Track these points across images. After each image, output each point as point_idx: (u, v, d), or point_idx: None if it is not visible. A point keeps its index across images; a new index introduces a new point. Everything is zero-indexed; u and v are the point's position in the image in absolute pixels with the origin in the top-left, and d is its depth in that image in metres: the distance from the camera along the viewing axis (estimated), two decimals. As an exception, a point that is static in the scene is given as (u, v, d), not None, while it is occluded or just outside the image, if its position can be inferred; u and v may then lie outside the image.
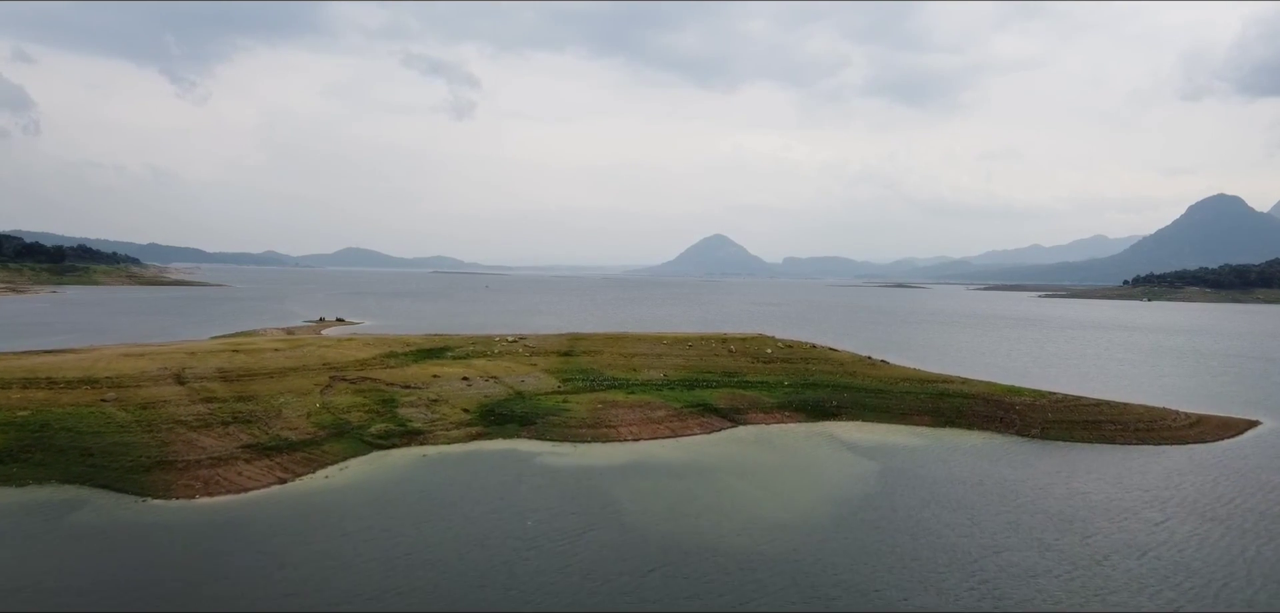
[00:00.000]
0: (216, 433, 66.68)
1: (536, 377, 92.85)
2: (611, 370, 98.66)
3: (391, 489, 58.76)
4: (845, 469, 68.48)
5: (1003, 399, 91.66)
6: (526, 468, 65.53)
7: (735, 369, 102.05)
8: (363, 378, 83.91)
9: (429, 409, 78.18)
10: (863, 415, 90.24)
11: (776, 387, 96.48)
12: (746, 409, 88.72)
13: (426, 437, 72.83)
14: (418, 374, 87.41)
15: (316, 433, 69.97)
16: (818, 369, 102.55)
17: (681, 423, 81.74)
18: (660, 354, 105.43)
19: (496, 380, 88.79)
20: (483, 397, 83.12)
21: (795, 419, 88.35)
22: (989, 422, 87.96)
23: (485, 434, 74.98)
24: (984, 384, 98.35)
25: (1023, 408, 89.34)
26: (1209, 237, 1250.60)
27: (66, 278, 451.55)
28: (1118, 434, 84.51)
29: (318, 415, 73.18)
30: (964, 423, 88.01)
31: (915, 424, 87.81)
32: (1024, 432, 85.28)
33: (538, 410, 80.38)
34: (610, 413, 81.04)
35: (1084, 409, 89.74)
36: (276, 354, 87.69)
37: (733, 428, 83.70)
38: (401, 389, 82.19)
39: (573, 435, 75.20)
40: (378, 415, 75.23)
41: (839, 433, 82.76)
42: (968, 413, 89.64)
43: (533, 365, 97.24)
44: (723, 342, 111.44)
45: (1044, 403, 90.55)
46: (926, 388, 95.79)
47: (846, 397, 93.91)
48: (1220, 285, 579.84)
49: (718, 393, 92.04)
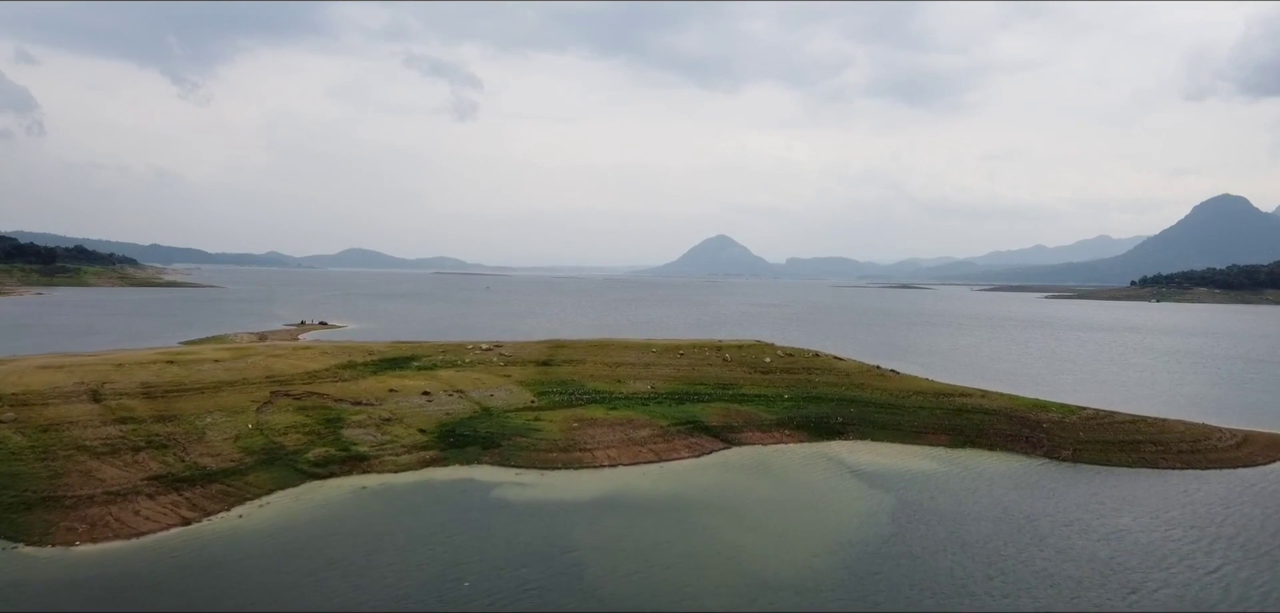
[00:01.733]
0: (122, 461, 57.43)
1: (509, 389, 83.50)
2: (593, 382, 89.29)
3: (311, 534, 49.40)
4: (851, 504, 58.99)
5: (1028, 416, 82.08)
6: (480, 504, 56.10)
7: (730, 380, 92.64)
8: (309, 393, 74.62)
9: (379, 430, 68.86)
10: (871, 434, 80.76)
11: (775, 401, 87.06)
12: (741, 427, 79.30)
13: (371, 464, 63.49)
14: (373, 388, 78.12)
15: (241, 460, 60.68)
16: (821, 381, 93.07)
17: (667, 444, 72.30)
18: (648, 364, 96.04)
19: (462, 395, 79.43)
20: (443, 414, 73.79)
21: (795, 438, 78.87)
22: (1013, 442, 78.42)
23: (441, 459, 65.57)
24: (1005, 397, 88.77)
25: (1051, 426, 79.77)
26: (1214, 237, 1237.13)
27: (57, 279, 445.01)
28: (1159, 457, 75.01)
29: (247, 439, 63.90)
30: (985, 443, 78.49)
31: (930, 445, 78.31)
32: (1053, 454, 75.76)
33: (505, 430, 71.03)
34: (587, 433, 71.66)
35: (1120, 428, 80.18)
36: (215, 366, 78.46)
37: (725, 449, 74.26)
38: (351, 406, 72.89)
39: (541, 461, 65.80)
40: (318, 438, 65.95)
41: (844, 455, 73.26)
42: (989, 432, 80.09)
43: (506, 377, 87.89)
44: (717, 349, 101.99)
45: (1075, 421, 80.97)
46: (942, 402, 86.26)
47: (852, 412, 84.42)
48: (1229, 286, 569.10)
49: (710, 408, 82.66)
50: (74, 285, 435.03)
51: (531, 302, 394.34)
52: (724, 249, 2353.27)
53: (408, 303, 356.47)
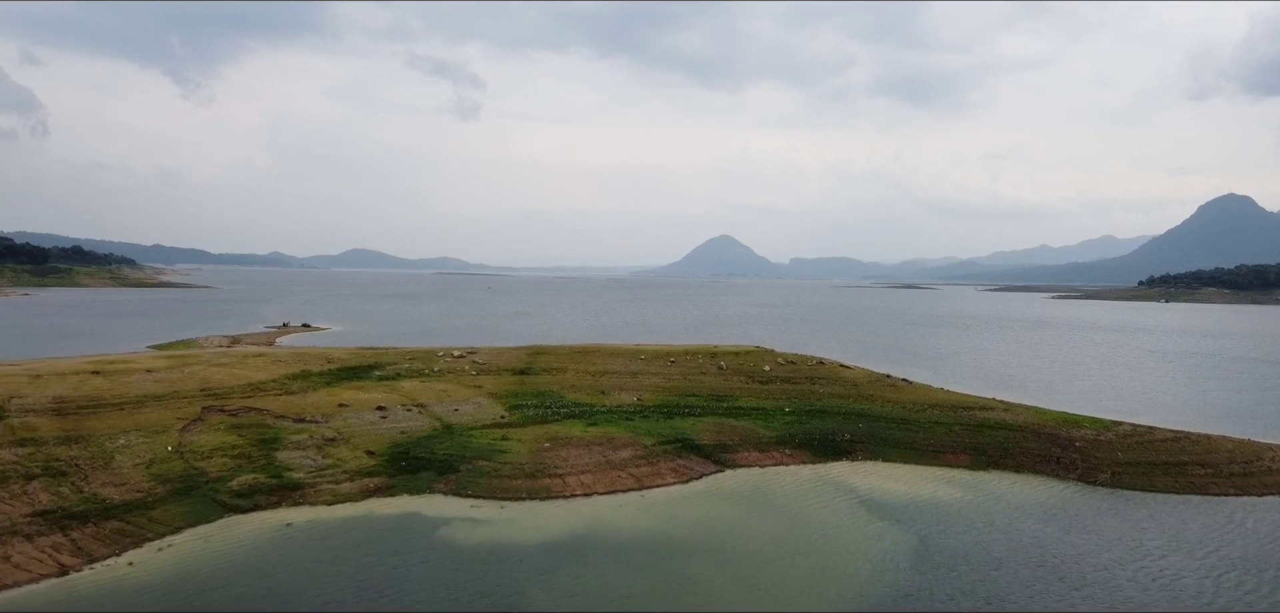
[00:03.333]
0: (7, 493, 48.79)
1: (477, 403, 74.82)
2: (574, 393, 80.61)
3: (208, 587, 40.74)
4: (862, 544, 50.25)
5: (1058, 432, 73.25)
6: (421, 546, 47.41)
7: (726, 391, 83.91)
8: (247, 408, 66.01)
9: (320, 453, 60.20)
10: (883, 453, 72.01)
11: (775, 415, 78.34)
12: (736, 446, 70.58)
13: (305, 493, 54.86)
14: (322, 402, 69.49)
15: (151, 491, 52.10)
16: (826, 391, 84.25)
17: (651, 467, 63.55)
18: (636, 372, 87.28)
19: (423, 409, 70.75)
20: (398, 433, 65.13)
21: (797, 459, 70.12)
22: (1043, 463, 69.63)
23: (387, 488, 56.88)
24: (1031, 411, 79.90)
25: (1085, 445, 70.94)
26: (1219, 237, 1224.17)
27: (48, 280, 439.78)
28: (1208, 482, 66.26)
29: (163, 464, 55.32)
30: (1011, 464, 69.75)
31: (949, 466, 69.56)
32: (1089, 478, 66.98)
33: (465, 452, 62.32)
34: (559, 455, 62.94)
35: (1161, 446, 71.34)
36: (146, 377, 69.89)
37: (717, 473, 65.54)
38: (293, 424, 64.27)
39: (503, 489, 57.09)
40: (247, 463, 57.33)
41: (854, 480, 64.49)
42: (1015, 451, 71.30)
43: (477, 388, 79.21)
44: (712, 356, 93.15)
45: (1111, 438, 72.11)
46: (960, 417, 77.45)
47: (862, 428, 75.65)
48: (1239, 286, 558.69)
49: (702, 424, 73.97)
50: (65, 286, 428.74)
51: (530, 302, 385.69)
52: (727, 249, 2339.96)
53: (403, 303, 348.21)
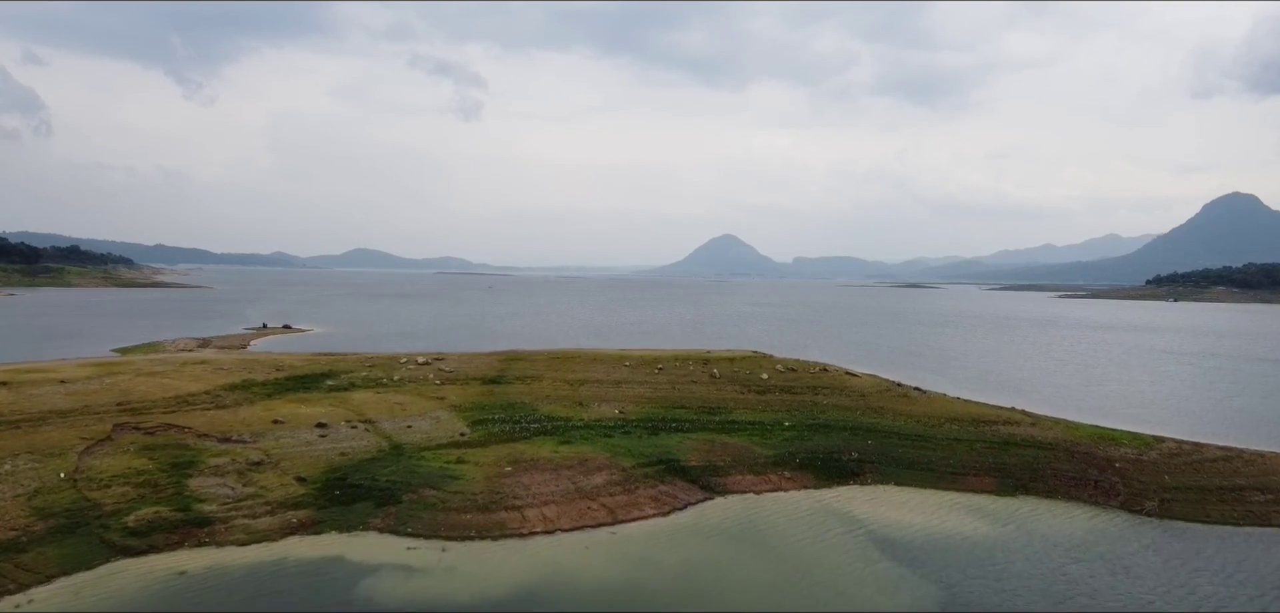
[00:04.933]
0: None
1: (436, 417, 66.28)
2: (548, 405, 72.11)
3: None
4: (876, 593, 41.67)
5: (1094, 451, 64.57)
6: (338, 602, 38.88)
7: (718, 402, 75.33)
8: (166, 426, 57.54)
9: (241, 480, 51.73)
10: (895, 475, 63.39)
11: (773, 430, 69.75)
12: (728, 467, 61.97)
13: (214, 531, 46.39)
14: (255, 418, 60.97)
15: (28, 529, 43.64)
16: (830, 403, 75.62)
17: (627, 496, 54.95)
18: (619, 381, 78.72)
19: (371, 426, 62.22)
20: (337, 455, 56.59)
21: (797, 482, 61.51)
22: (1079, 488, 60.96)
23: (314, 523, 48.35)
24: (1060, 425, 71.19)
25: (1126, 466, 62.26)
26: (1225, 235, 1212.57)
27: (39, 280, 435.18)
28: (1271, 510, 57.73)
29: (50, 495, 46.86)
30: (1042, 489, 61.11)
31: (972, 491, 60.93)
32: (1134, 506, 58.32)
33: (412, 478, 53.79)
34: (521, 482, 54.38)
35: (1211, 468, 62.67)
36: (58, 389, 61.49)
37: (705, 501, 56.93)
38: (216, 444, 55.79)
39: (449, 525, 48.53)
40: (152, 493, 48.86)
41: (863, 509, 55.85)
42: (1047, 473, 62.65)
43: (438, 399, 70.67)
44: (704, 363, 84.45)
45: (1154, 459, 63.42)
46: (982, 432, 68.79)
47: (871, 446, 67.02)
48: (1248, 285, 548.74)
49: (690, 441, 65.39)
50: (56, 286, 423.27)
51: (527, 302, 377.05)
52: (730, 249, 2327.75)
53: (397, 303, 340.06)
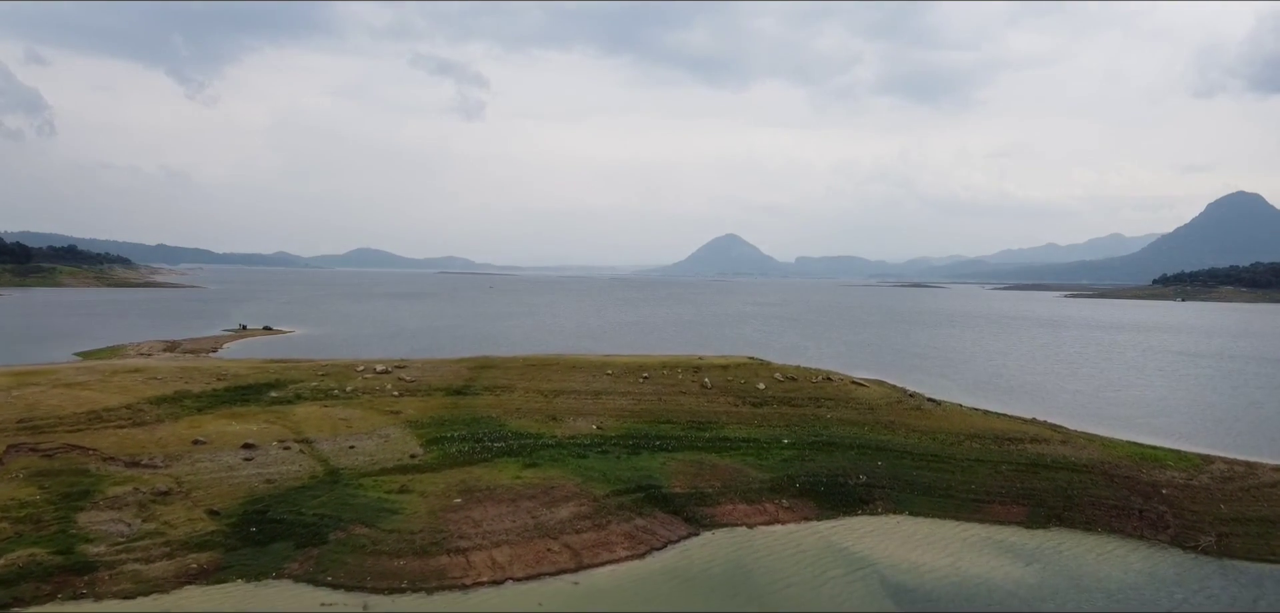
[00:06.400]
0: None
1: (386, 435, 58.34)
2: (518, 419, 64.17)
3: None
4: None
5: (1135, 474, 56.55)
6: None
7: (709, 416, 67.37)
8: (68, 447, 49.69)
9: (142, 513, 43.86)
10: (910, 502, 55.37)
11: (770, 448, 61.76)
12: (717, 495, 53.99)
13: (97, 579, 38.51)
14: (175, 437, 53.09)
15: None
16: (835, 417, 67.61)
17: (597, 534, 46.93)
18: (599, 392, 70.75)
19: (307, 447, 54.29)
20: (261, 482, 48.70)
21: (798, 513, 53.50)
22: (1122, 518, 52.96)
23: (219, 569, 40.44)
24: (1094, 442, 63.15)
25: (1174, 493, 54.26)
26: (1230, 234, 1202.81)
27: (30, 279, 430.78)
28: (1348, 544, 49.71)
29: (-102, 537, 39.05)
30: (1080, 520, 53.08)
31: (999, 522, 52.92)
32: (1187, 541, 50.35)
33: (345, 511, 45.87)
34: (471, 517, 46.42)
35: (1272, 495, 54.66)
36: (-50, 404, 53.70)
37: (689, 537, 48.94)
38: (122, 469, 47.92)
39: (379, 574, 40.56)
40: (34, 530, 40.99)
41: (874, 547, 47.83)
42: (1083, 501, 54.60)
43: (392, 414, 62.72)
44: (695, 371, 76.41)
45: (1207, 484, 55.41)
46: (1006, 451, 60.76)
47: (882, 468, 58.98)
48: (1257, 284, 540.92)
49: (674, 463, 57.44)
50: (46, 286, 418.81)
51: (525, 302, 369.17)
52: (733, 248, 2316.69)
53: (391, 303, 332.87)
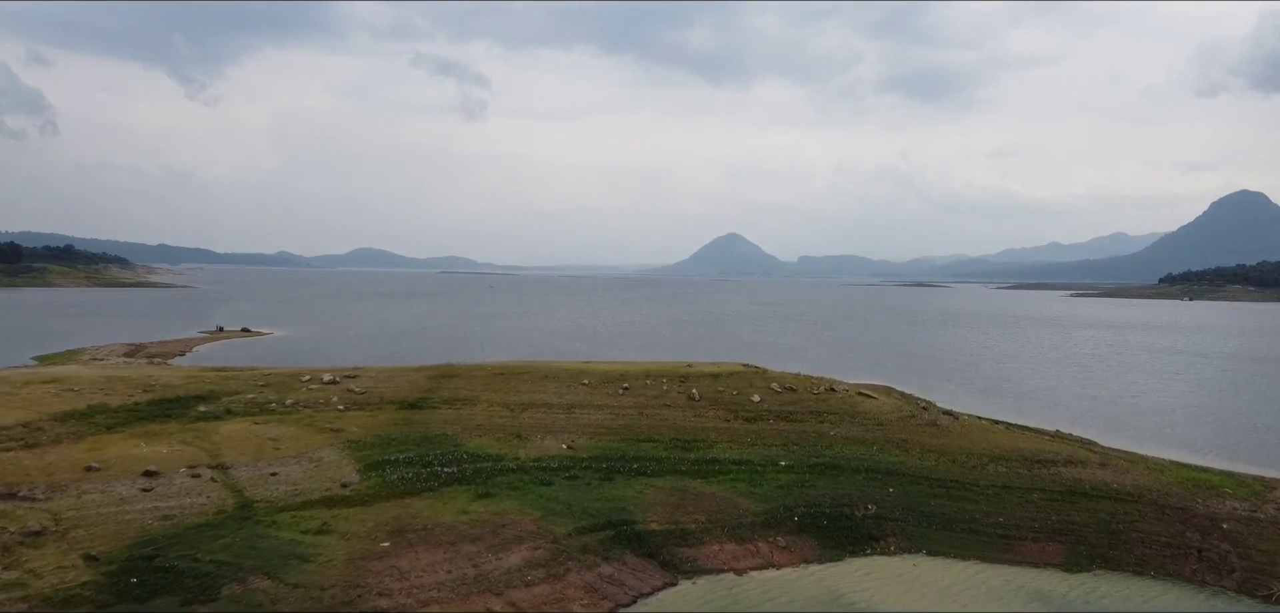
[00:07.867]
0: None
1: (318, 458, 50.48)
2: (477, 438, 56.30)
3: None
4: None
5: (1190, 504, 48.66)
6: None
7: (696, 433, 59.51)
8: (-69, 477, 41.92)
9: (3, 559, 36.10)
10: (928, 539, 47.44)
11: (765, 472, 53.86)
12: (702, 532, 46.06)
13: (-89, 655, 30.86)
14: (67, 462, 45.30)
15: None
16: (839, 435, 59.70)
17: (553, 585, 38.99)
18: (573, 405, 62.85)
19: (221, 474, 46.44)
20: (157, 520, 40.85)
21: (796, 554, 45.54)
22: (1177, 559, 45.07)
23: (76, 637, 32.71)
24: (1138, 464, 55.20)
25: (1236, 529, 46.34)
26: (1233, 233, 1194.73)
27: (19, 279, 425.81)
28: None
29: None
30: (1129, 561, 45.17)
31: (1033, 563, 44.99)
32: (1255, 587, 42.46)
33: (248, 558, 38.00)
34: (398, 566, 38.52)
35: (1352, 528, 46.78)
36: None
37: (665, 589, 41.01)
38: (-11, 505, 40.13)
39: (276, 641, 32.84)
40: None
41: (887, 600, 39.93)
42: (1131, 537, 46.69)
43: (333, 432, 54.87)
44: (682, 381, 68.49)
45: (1274, 515, 47.44)
46: (1037, 476, 52.86)
47: (894, 496, 51.09)
48: (1264, 283, 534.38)
49: (653, 490, 49.56)
50: (36, 286, 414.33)
51: (522, 302, 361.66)
52: (735, 247, 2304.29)
53: (384, 303, 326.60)
